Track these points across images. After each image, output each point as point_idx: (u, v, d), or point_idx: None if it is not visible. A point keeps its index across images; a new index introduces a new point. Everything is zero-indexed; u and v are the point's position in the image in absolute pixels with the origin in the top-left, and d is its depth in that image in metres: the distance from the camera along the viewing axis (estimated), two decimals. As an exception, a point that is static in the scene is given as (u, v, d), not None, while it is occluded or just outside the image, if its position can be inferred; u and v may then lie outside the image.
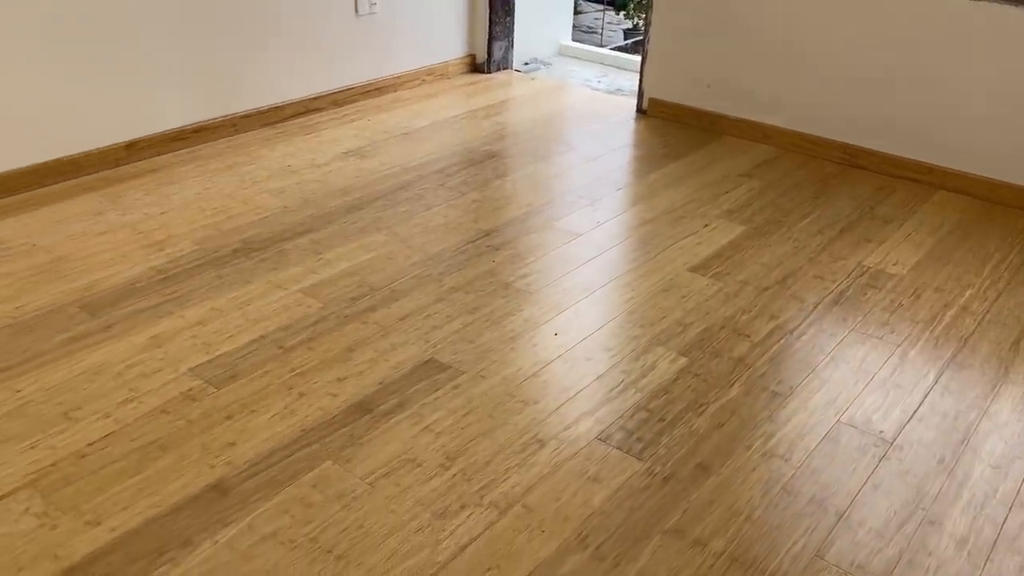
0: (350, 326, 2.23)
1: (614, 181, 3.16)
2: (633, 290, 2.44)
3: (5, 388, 1.95)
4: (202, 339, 2.15)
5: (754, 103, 3.52)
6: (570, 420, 1.91)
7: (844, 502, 1.71)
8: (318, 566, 1.52)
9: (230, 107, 3.40)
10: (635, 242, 2.72)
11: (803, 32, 3.30)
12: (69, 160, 2.96)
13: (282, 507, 1.65)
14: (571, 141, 3.52)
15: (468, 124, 3.68)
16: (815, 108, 3.37)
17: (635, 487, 1.73)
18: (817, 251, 2.68)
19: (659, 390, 2.02)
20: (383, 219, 2.81)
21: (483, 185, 3.09)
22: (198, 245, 2.60)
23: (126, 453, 1.77)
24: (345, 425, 1.88)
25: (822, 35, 3.26)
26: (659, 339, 2.22)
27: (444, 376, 2.05)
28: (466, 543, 1.59)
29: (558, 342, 2.20)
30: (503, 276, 2.49)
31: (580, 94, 4.14)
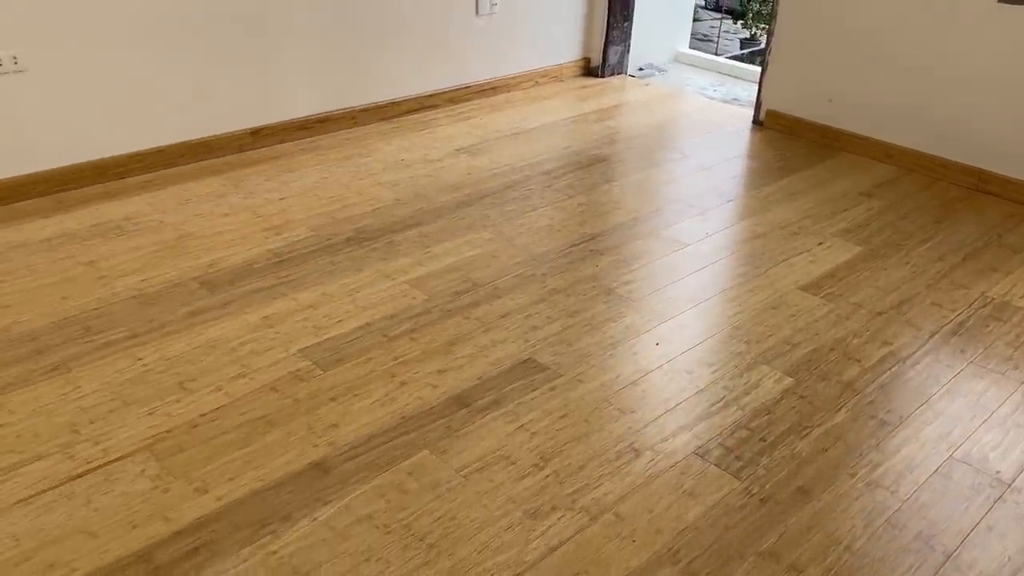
0: (452, 320, 2.27)
1: (726, 192, 3.10)
2: (740, 305, 2.39)
3: (129, 355, 2.06)
4: (312, 322, 2.22)
5: (877, 120, 3.39)
6: (667, 432, 1.89)
7: (954, 541, 1.63)
8: (410, 552, 1.55)
9: (351, 100, 3.50)
10: (744, 256, 2.66)
11: (935, 50, 3.16)
12: (198, 143, 3.11)
13: (379, 491, 1.69)
14: (683, 149, 3.48)
15: (579, 127, 3.68)
16: (944, 128, 3.22)
17: (731, 506, 1.69)
18: (937, 278, 2.56)
19: (761, 409, 1.97)
20: (490, 217, 2.84)
21: (590, 189, 3.08)
22: (313, 232, 2.69)
23: (236, 426, 1.85)
24: (443, 416, 1.91)
25: (956, 54, 3.11)
26: (764, 357, 2.16)
27: (542, 377, 2.05)
28: (555, 545, 1.59)
29: (659, 352, 2.17)
30: (606, 281, 2.48)
31: (695, 102, 4.08)
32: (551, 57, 4.19)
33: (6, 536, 1.55)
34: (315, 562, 1.52)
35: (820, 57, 3.50)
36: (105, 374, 1.99)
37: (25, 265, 2.42)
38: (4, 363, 2.01)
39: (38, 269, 2.40)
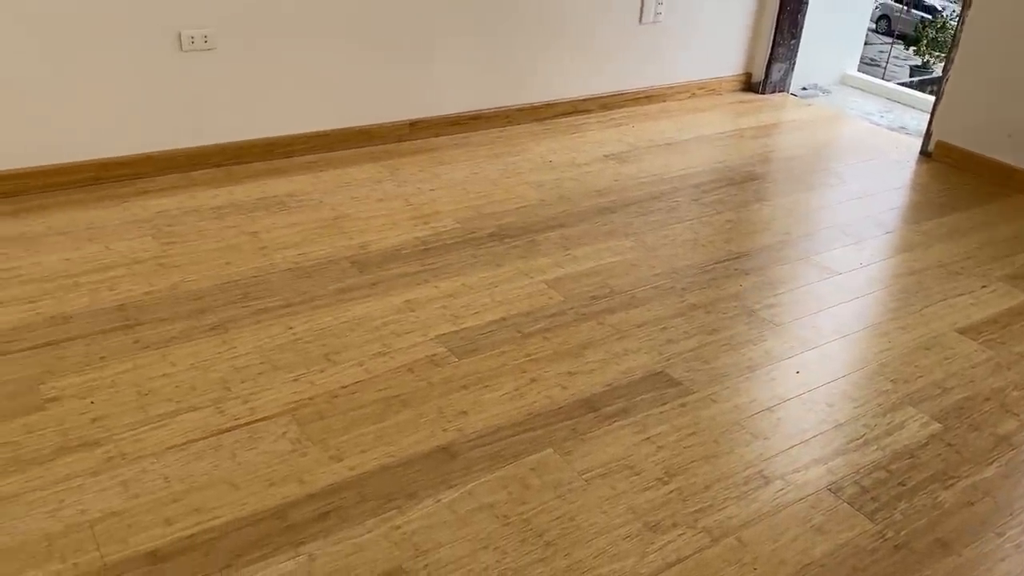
0: (587, 324, 2.27)
1: (884, 223, 2.96)
2: (890, 341, 2.28)
3: (281, 323, 2.18)
4: (451, 310, 2.28)
5: (1063, 161, 3.15)
6: (800, 463, 1.83)
7: (1112, 623, 1.49)
8: (528, 546, 1.57)
9: (505, 100, 3.57)
10: (899, 291, 2.53)
11: None
12: (360, 130, 3.25)
13: (502, 482, 1.72)
14: (842, 174, 3.34)
15: (734, 143, 3.60)
16: None
17: (862, 547, 1.62)
18: (1118, 336, 2.35)
19: (904, 452, 1.87)
20: (633, 225, 2.83)
21: (740, 206, 3.01)
22: (459, 224, 2.76)
23: (372, 401, 1.92)
24: (570, 418, 1.91)
25: None
26: (912, 399, 2.05)
27: (673, 391, 2.03)
28: (673, 561, 1.56)
29: (799, 380, 2.10)
30: (749, 302, 2.42)
31: (858, 126, 3.91)
32: (711, 70, 4.13)
33: (159, 477, 1.67)
34: (435, 542, 1.57)
35: (1003, 91, 3.28)
36: (258, 338, 2.11)
37: (196, 230, 2.60)
38: (171, 318, 2.17)
39: (207, 235, 2.58)
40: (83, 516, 1.57)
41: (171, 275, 2.35)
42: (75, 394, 1.88)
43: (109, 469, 1.68)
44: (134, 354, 2.02)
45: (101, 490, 1.62)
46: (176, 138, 2.91)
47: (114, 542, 1.52)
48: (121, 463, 1.69)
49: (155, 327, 2.12)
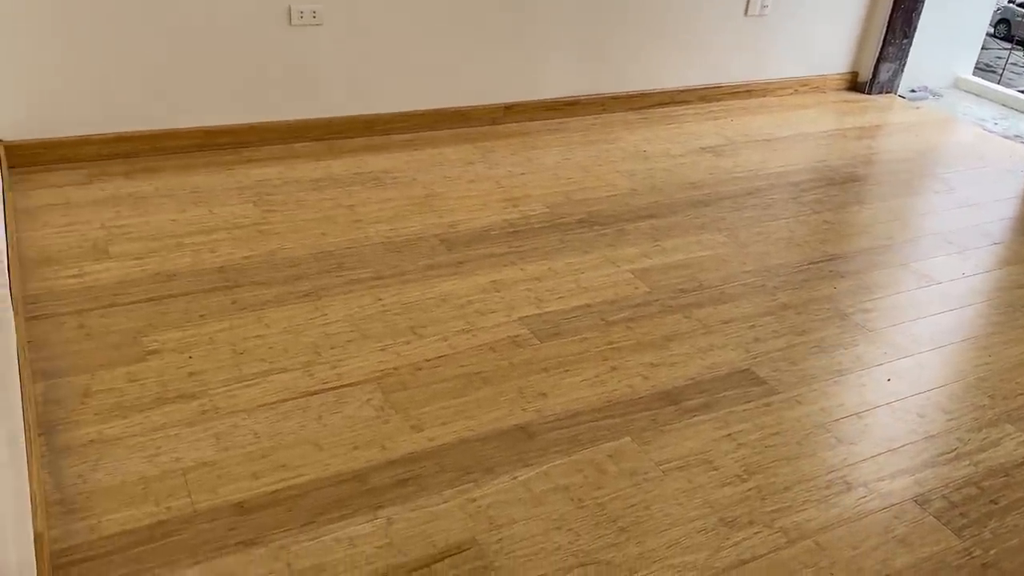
0: (672, 316, 2.25)
1: (991, 233, 2.83)
2: (990, 355, 2.18)
3: (371, 295, 2.23)
4: (535, 293, 2.30)
5: None
6: (886, 472, 1.77)
7: None
8: (601, 530, 1.57)
9: (602, 87, 3.55)
10: (1003, 304, 2.42)
11: None
12: (456, 111, 3.29)
13: (577, 466, 1.72)
14: (949, 180, 3.21)
15: (836, 142, 3.50)
16: None
17: (946, 563, 1.56)
18: None
19: (998, 470, 1.80)
20: (726, 220, 2.78)
21: (839, 208, 2.93)
22: (548, 209, 2.77)
23: (454, 376, 1.95)
24: (650, 409, 1.90)
25: None
26: (1011, 416, 1.97)
27: (758, 390, 1.99)
28: (747, 559, 1.54)
29: (890, 388, 2.03)
30: (842, 305, 2.36)
31: (970, 132, 3.75)
32: (816, 66, 4.01)
33: (249, 433, 1.74)
34: (510, 518, 1.59)
35: None
36: (349, 307, 2.17)
37: (295, 199, 2.68)
38: (268, 282, 2.24)
39: (305, 205, 2.66)
40: (177, 464, 1.64)
41: (269, 241, 2.43)
42: (175, 348, 1.97)
43: (203, 421, 1.75)
44: (231, 314, 2.10)
45: (195, 440, 1.70)
46: (280, 110, 3.01)
47: (204, 491, 1.59)
48: (214, 416, 1.77)
49: (252, 290, 2.20)
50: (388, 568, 1.46)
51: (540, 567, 1.49)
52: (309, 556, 1.47)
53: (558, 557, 1.52)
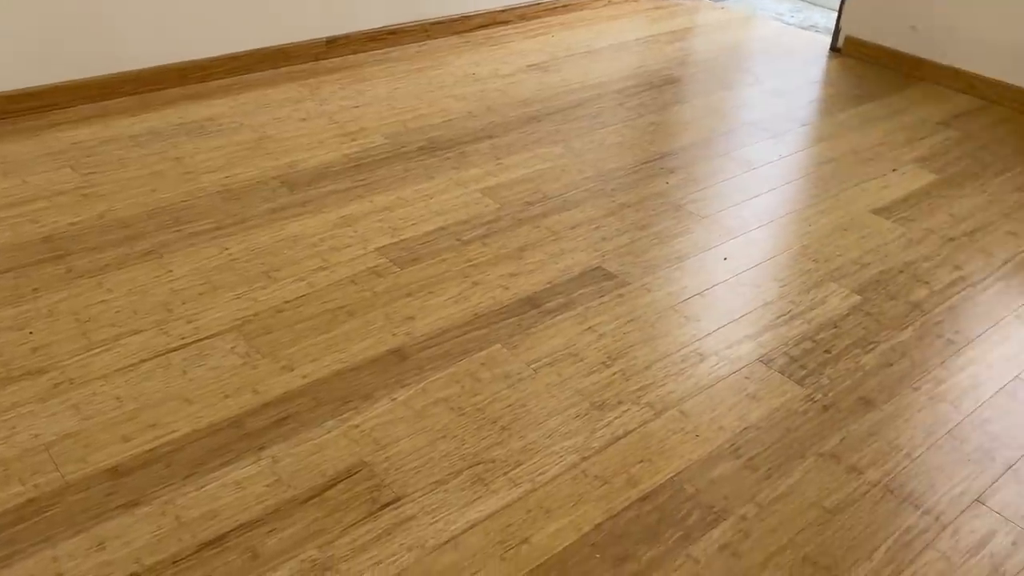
0: (523, 228, 2.32)
1: (799, 117, 3.06)
2: (810, 225, 2.39)
3: (216, 245, 2.16)
4: (388, 223, 2.30)
5: (962, 50, 3.29)
6: (733, 340, 1.93)
7: (1014, 455, 1.65)
8: (484, 432, 1.64)
9: (423, 13, 3.51)
10: (816, 179, 2.64)
11: (1032, -26, 3.04)
12: (276, 50, 3.17)
13: (454, 378, 1.77)
14: (757, 73, 3.43)
15: (651, 48, 3.64)
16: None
17: (793, 410, 1.74)
18: (1014, 208, 2.52)
19: (828, 323, 2.00)
20: (560, 132, 2.86)
21: (661, 109, 3.07)
22: (387, 139, 2.74)
23: (318, 313, 1.94)
24: (515, 315, 1.97)
25: (1054, -22, 2.99)
26: (833, 275, 2.18)
27: (610, 284, 2.10)
28: (621, 434, 1.66)
29: (727, 266, 2.20)
30: (675, 198, 2.50)
31: (770, 27, 3.99)
32: (625, -23, 4.12)
33: (111, 398, 1.67)
34: (394, 436, 1.62)
35: (906, -19, 3.39)
36: (195, 260, 2.09)
37: (116, 159, 2.52)
38: (100, 246, 2.12)
39: (128, 163, 2.51)
40: (37, 440, 1.56)
41: (96, 205, 2.29)
42: (10, 326, 1.84)
43: (58, 395, 1.67)
44: (68, 283, 1.98)
45: (52, 415, 1.62)
46: (84, 67, 2.79)
47: (73, 461, 1.52)
48: (69, 388, 1.68)
49: (86, 256, 2.08)
50: (280, 503, 1.47)
51: (431, 475, 1.54)
52: (197, 506, 1.45)
53: (447, 463, 1.57)
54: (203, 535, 1.40)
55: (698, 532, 1.47)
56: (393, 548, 1.40)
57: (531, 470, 1.57)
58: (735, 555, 1.43)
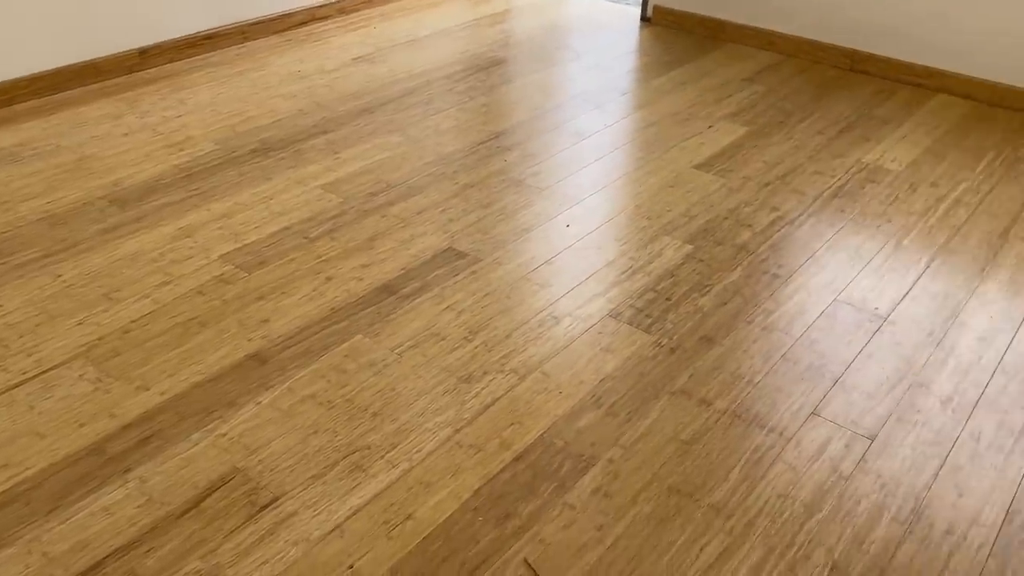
0: (370, 219, 2.33)
1: (620, 86, 3.22)
2: (640, 186, 2.53)
3: (47, 273, 2.05)
4: (229, 230, 2.25)
5: (759, 10, 3.55)
6: (583, 300, 2.03)
7: (840, 369, 1.84)
8: (356, 421, 1.66)
9: (239, 15, 3.43)
10: (641, 143, 2.80)
11: (808, -64, 3.32)
12: (86, 65, 3.01)
13: (318, 373, 1.78)
14: (576, 48, 3.57)
15: (473, 32, 3.71)
16: (819, 15, 3.41)
17: (644, 356, 1.86)
18: (817, 150, 2.76)
19: (666, 274, 2.14)
20: (395, 121, 2.88)
21: (491, 90, 3.15)
22: (217, 145, 2.68)
23: (167, 329, 1.89)
24: (372, 305, 1.99)
25: (827, -61, 3.28)
26: (666, 229, 2.32)
27: (463, 263, 2.16)
28: (490, 403, 1.72)
29: (570, 233, 2.30)
30: (514, 174, 2.58)
31: (584, 4, 4.15)
32: (439, -36, 4.17)
33: (-50, 446, 1.57)
34: (266, 438, 1.61)
35: (701, -49, 3.62)
36: (25, 292, 1.98)
37: (-83, 196, 2.34)
38: (-86, 290, 1.97)
39: (-68, 199, 2.33)
40: None
41: (-99, 247, 2.12)
42: None
43: None
44: None
45: None
46: None
47: (-83, 518, 1.42)
48: (-100, 442, 1.57)
49: (-102, 302, 1.93)
50: (155, 521, 1.44)
51: (307, 470, 1.55)
52: (65, 539, 1.40)
53: (322, 456, 1.58)
54: (77, 567, 1.35)
55: (571, 481, 1.55)
56: (278, 546, 1.40)
57: (407, 450, 1.60)
58: (607, 496, 1.52)
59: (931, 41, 3.19)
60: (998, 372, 1.84)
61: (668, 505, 1.51)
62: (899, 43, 3.26)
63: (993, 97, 3.11)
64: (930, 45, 3.19)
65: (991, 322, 1.99)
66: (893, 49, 3.28)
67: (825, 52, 3.44)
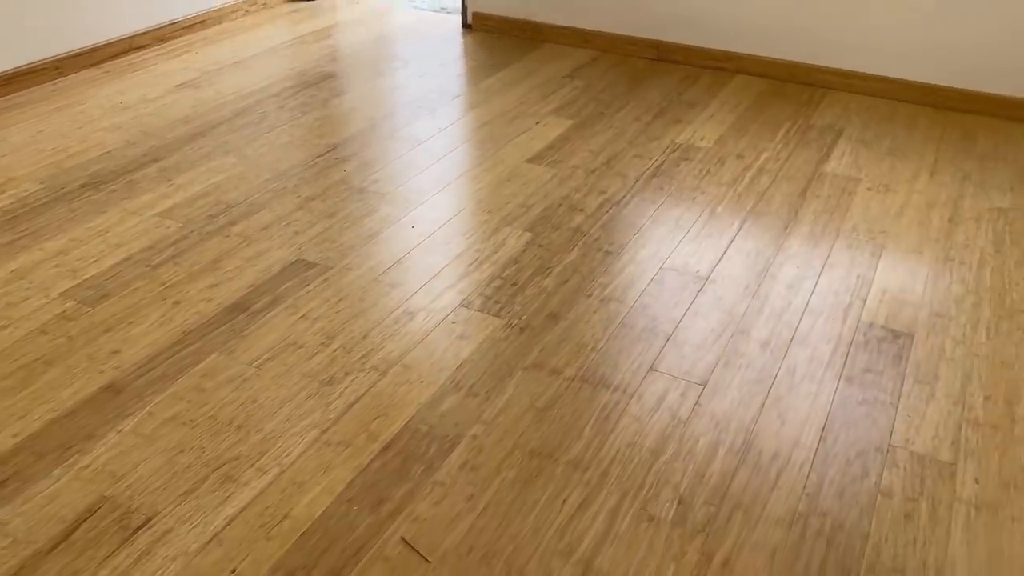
0: (213, 241, 2.33)
1: (449, 91, 3.34)
2: (479, 183, 2.66)
3: None
4: (66, 267, 2.20)
5: (573, 10, 3.77)
6: (435, 294, 2.13)
7: (671, 327, 2.02)
8: (221, 436, 1.68)
9: (51, 50, 3.30)
10: (476, 143, 2.92)
11: (607, -62, 3.55)
12: None
13: (177, 396, 1.78)
14: (403, 58, 3.66)
15: (298, 49, 3.73)
16: (627, 11, 3.65)
17: (497, 338, 1.97)
18: (636, 135, 2.98)
19: (510, 261, 2.27)
20: (229, 143, 2.88)
21: (323, 104, 3.19)
22: (43, 184, 2.59)
23: (12, 372, 1.84)
24: (224, 323, 2.01)
25: (624, -60, 3.53)
26: (506, 220, 2.45)
27: (313, 272, 2.20)
28: (354, 401, 1.78)
29: (416, 232, 2.39)
30: (355, 183, 2.64)
31: (406, 15, 4.26)
32: (257, -15, 4.16)
33: None
34: (131, 464, 1.61)
35: (511, -43, 3.80)
36: None
37: None
38: None
39: None
40: None
41: None
42: None
43: None
44: None
45: None
46: None
47: None
48: None
49: None
50: (23, 561, 1.41)
51: (178, 488, 1.56)
52: (-74, 593, 1.36)
53: (191, 473, 1.60)
54: (-58, 618, 1.32)
55: (439, 460, 1.64)
56: (157, 563, 1.42)
57: (276, 455, 1.65)
58: (473, 469, 1.62)
59: (728, 27, 3.49)
60: (806, 314, 2.08)
61: (530, 468, 1.63)
62: (700, 32, 3.55)
63: (784, 74, 3.45)
64: (727, 31, 3.50)
65: (797, 271, 2.24)
66: (695, 38, 3.57)
67: (635, 45, 3.69)
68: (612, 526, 1.51)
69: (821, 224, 2.45)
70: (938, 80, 3.21)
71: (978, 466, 1.65)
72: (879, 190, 2.63)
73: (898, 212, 2.51)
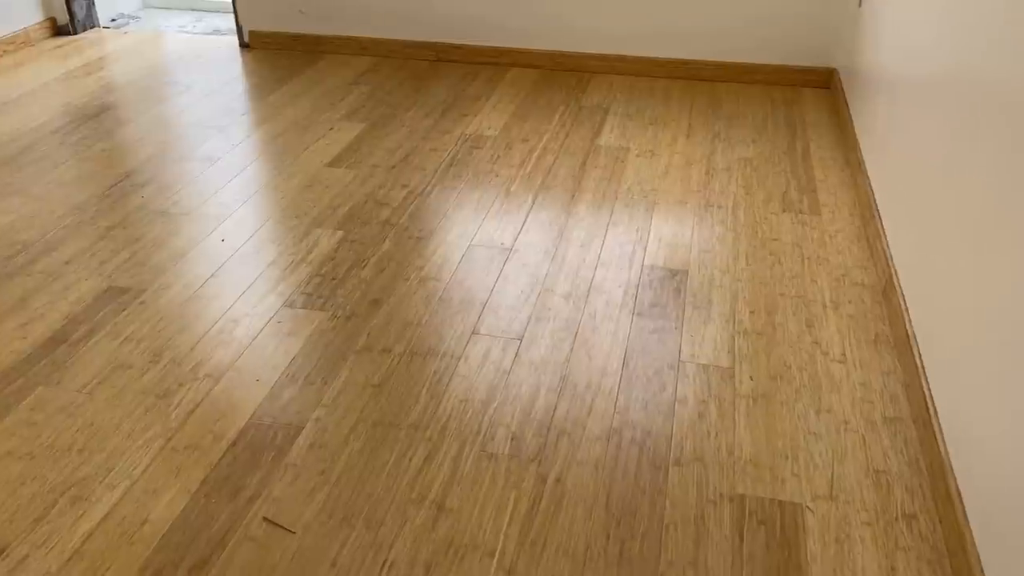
0: (15, 280, 2.27)
1: (236, 109, 3.37)
2: (282, 191, 2.73)
3: None
4: None
5: (350, 20, 3.89)
6: (256, 300, 2.20)
7: (485, 295, 2.22)
8: (63, 462, 1.68)
9: None
10: (272, 154, 2.99)
11: (372, -50, 3.71)
12: None
13: (8, 432, 1.76)
14: (184, 82, 3.64)
15: (70, 84, 3.61)
16: (404, 16, 3.83)
17: (325, 329, 2.08)
18: (427, 131, 3.16)
19: (326, 259, 2.37)
20: (12, 184, 2.77)
21: (107, 135, 3.13)
22: None
23: None
24: (44, 357, 1.98)
25: (388, -50, 3.70)
26: (316, 222, 2.55)
27: (127, 297, 2.21)
28: (193, 408, 1.83)
29: (227, 246, 2.44)
30: (156, 206, 2.64)
31: (179, 40, 4.21)
32: (10, 23, 3.96)
33: None
34: (-31, 505, 1.58)
35: (280, -26, 3.87)
36: None
37: None
38: None
39: None
40: None
41: None
42: None
43: None
44: None
45: None
46: None
47: None
48: None
49: None
50: None
51: (28, 517, 1.56)
52: None
53: (39, 500, 1.60)
54: None
55: (287, 445, 1.74)
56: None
57: (124, 469, 1.67)
58: (321, 447, 1.73)
59: (500, 25, 3.75)
60: (599, 266, 2.34)
61: (375, 437, 1.76)
62: (475, 31, 3.79)
63: (553, 63, 3.76)
64: (499, 28, 3.76)
65: (587, 232, 2.51)
66: (470, 37, 3.81)
67: (414, 49, 3.88)
68: (457, 469, 1.68)
69: (601, 190, 2.74)
70: (686, 55, 3.64)
71: (751, 366, 1.96)
72: (646, 155, 2.97)
73: (664, 172, 2.86)
